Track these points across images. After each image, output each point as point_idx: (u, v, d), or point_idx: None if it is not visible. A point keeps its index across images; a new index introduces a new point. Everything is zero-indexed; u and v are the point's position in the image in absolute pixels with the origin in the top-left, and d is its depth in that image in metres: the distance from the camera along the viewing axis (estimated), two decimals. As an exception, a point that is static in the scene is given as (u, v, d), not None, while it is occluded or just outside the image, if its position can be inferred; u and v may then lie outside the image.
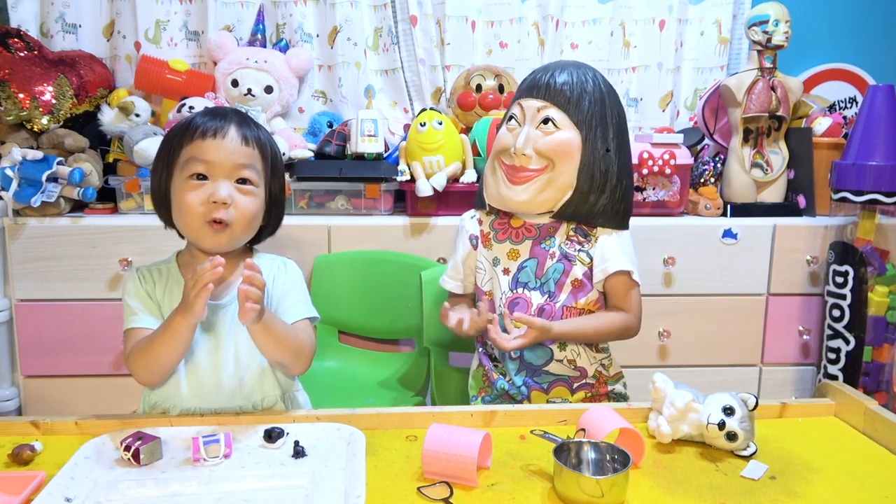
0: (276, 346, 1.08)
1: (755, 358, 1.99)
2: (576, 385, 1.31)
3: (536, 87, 1.28)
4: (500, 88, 1.99)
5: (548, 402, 1.30)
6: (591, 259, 1.30)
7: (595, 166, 1.26)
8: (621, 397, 1.36)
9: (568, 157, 1.25)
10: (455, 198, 1.84)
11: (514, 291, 1.30)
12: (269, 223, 1.19)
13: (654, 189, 1.91)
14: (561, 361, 1.29)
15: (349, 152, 1.87)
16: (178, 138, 1.11)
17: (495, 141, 1.34)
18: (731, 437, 0.97)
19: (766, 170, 2.02)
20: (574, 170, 1.26)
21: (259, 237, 1.20)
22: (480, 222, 1.39)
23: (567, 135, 1.25)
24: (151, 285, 1.13)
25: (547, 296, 1.29)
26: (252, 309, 0.98)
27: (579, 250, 1.30)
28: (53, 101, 1.84)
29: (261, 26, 2.07)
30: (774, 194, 2.03)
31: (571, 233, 1.31)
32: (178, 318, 1.02)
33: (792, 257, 1.93)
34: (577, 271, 1.29)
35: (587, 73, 1.29)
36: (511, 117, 1.31)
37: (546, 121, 1.26)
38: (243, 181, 1.10)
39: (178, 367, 1.10)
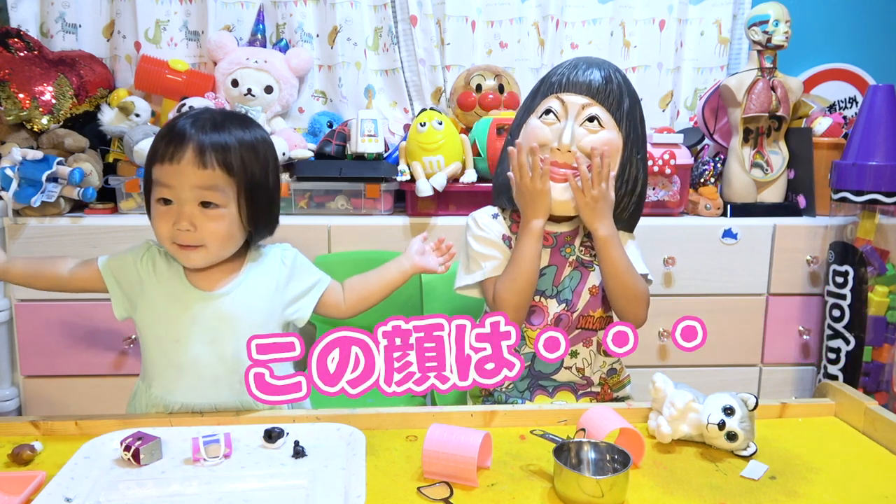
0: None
1: (755, 358, 1.99)
2: (581, 392, 1.31)
3: (577, 83, 1.22)
4: (500, 88, 1.99)
5: (552, 404, 1.29)
6: None
7: (629, 171, 1.25)
8: (625, 399, 1.35)
9: (610, 158, 1.22)
10: (455, 198, 1.84)
11: (531, 299, 1.28)
12: (258, 230, 1.14)
13: (654, 189, 1.91)
14: (570, 369, 1.29)
15: (349, 152, 1.87)
16: (150, 156, 1.08)
17: (526, 134, 1.26)
18: (731, 437, 0.97)
19: (766, 170, 2.02)
20: (613, 172, 1.23)
21: (256, 237, 1.17)
22: (504, 221, 1.32)
23: (611, 135, 1.22)
24: (151, 266, 1.13)
25: (564, 304, 1.28)
26: None
27: (594, 255, 1.28)
28: (53, 101, 1.84)
29: (261, 26, 2.07)
30: (774, 194, 2.03)
31: (586, 239, 1.29)
32: None
33: (792, 257, 1.93)
34: (595, 278, 1.29)
35: (619, 72, 1.25)
36: (548, 111, 1.24)
37: (591, 119, 1.21)
38: (207, 204, 1.06)
39: (174, 359, 1.11)
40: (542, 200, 1.22)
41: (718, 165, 2.07)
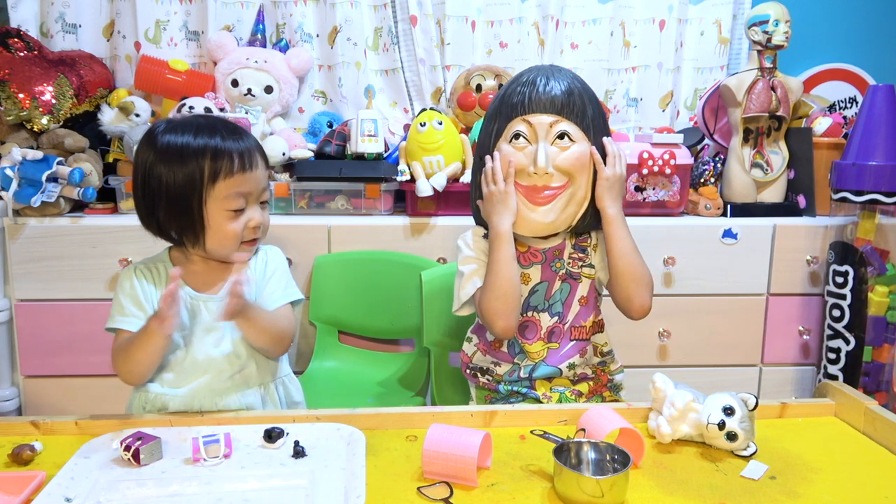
0: (259, 335, 1.14)
1: (755, 358, 1.99)
2: (577, 378, 1.33)
3: (540, 101, 1.21)
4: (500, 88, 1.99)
5: (551, 390, 1.31)
6: (594, 266, 1.30)
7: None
8: (619, 388, 1.37)
9: (585, 170, 1.23)
10: (455, 198, 1.84)
11: (525, 315, 1.29)
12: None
13: (654, 189, 1.91)
14: (569, 377, 1.31)
15: (349, 152, 1.87)
16: None
17: (501, 158, 1.25)
18: (731, 437, 0.97)
19: (766, 170, 2.02)
20: (589, 182, 1.24)
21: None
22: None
23: (583, 147, 1.22)
24: (151, 286, 1.16)
25: (556, 317, 1.29)
26: (235, 306, 1.06)
27: (582, 266, 1.30)
28: (53, 101, 1.84)
29: (261, 26, 2.07)
30: (774, 194, 2.03)
31: (573, 251, 1.30)
32: (153, 325, 1.06)
33: (792, 257, 1.93)
34: (583, 288, 1.30)
35: (574, 77, 1.25)
36: (517, 135, 1.23)
37: (561, 136, 1.21)
38: None
39: (173, 358, 1.14)
40: (507, 202, 1.23)
41: (718, 165, 2.07)
